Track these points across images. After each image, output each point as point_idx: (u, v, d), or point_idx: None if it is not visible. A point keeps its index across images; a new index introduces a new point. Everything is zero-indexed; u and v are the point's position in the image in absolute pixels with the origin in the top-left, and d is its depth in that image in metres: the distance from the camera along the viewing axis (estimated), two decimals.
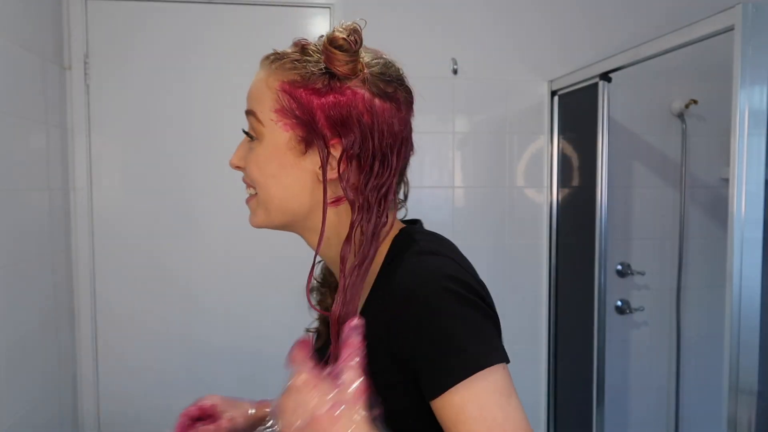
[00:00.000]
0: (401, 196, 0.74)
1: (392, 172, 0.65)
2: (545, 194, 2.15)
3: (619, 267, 2.18)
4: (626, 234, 2.19)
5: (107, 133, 1.89)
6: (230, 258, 1.97)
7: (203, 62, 1.92)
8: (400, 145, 0.67)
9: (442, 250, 0.65)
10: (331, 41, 0.63)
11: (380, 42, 2.33)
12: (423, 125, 2.05)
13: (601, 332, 1.83)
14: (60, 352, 1.79)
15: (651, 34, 1.58)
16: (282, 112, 0.65)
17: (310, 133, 0.64)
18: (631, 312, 2.19)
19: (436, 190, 2.08)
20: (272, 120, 0.65)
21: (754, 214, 1.22)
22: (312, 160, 0.66)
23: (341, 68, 0.63)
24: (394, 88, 0.67)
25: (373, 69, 0.66)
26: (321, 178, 0.65)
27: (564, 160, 2.09)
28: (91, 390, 1.91)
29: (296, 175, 0.66)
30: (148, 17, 1.89)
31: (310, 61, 0.65)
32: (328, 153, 0.64)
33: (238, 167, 0.71)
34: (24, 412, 1.53)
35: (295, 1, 1.95)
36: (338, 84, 0.64)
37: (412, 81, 0.75)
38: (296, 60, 0.65)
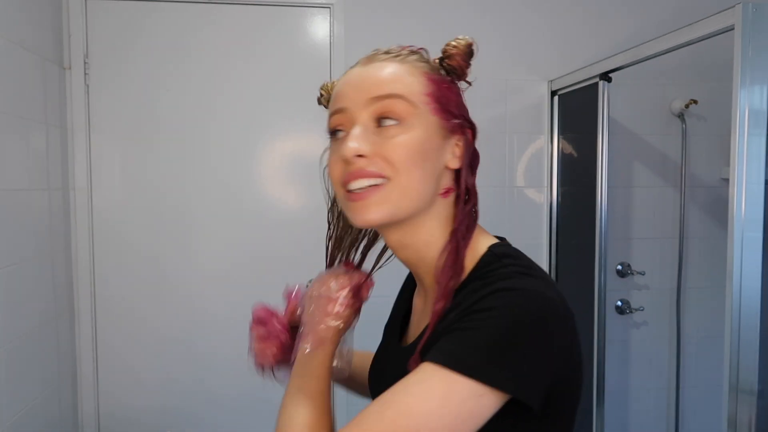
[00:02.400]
0: None
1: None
2: (545, 194, 2.15)
3: (619, 267, 2.18)
4: (626, 234, 2.19)
5: (107, 133, 1.89)
6: (229, 257, 1.97)
7: (203, 62, 1.92)
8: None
9: (536, 273, 0.62)
10: (466, 46, 0.69)
11: (380, 41, 2.33)
12: None
13: (601, 332, 1.83)
14: (60, 352, 1.79)
15: (651, 34, 1.58)
16: (432, 96, 0.66)
17: (453, 118, 0.68)
18: (631, 312, 2.19)
19: None
20: (424, 102, 0.66)
21: (754, 214, 1.21)
22: (447, 148, 0.68)
23: (466, 73, 0.70)
24: None
25: None
26: (452, 165, 0.69)
27: (564, 160, 2.09)
28: (91, 390, 1.91)
29: (434, 161, 0.66)
30: (148, 17, 1.89)
31: (428, 62, 0.70)
32: (466, 138, 0.69)
33: (361, 155, 0.63)
34: (24, 411, 1.53)
35: (295, 1, 1.95)
36: (455, 83, 0.70)
37: None
38: (418, 58, 0.69)
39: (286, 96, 1.97)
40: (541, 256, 2.15)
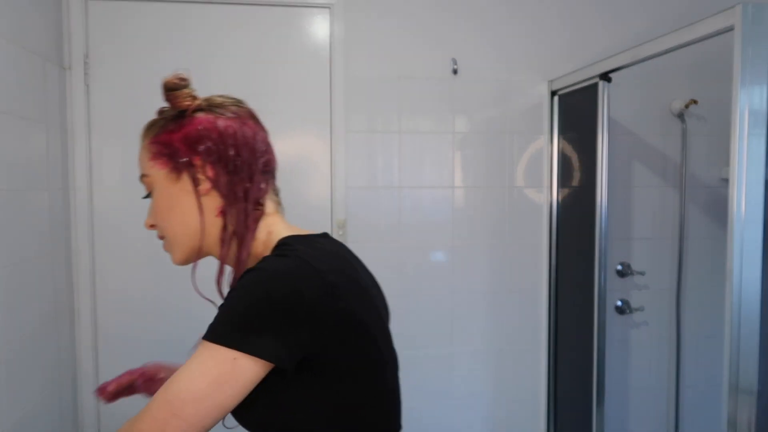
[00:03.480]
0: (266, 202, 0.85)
1: (253, 170, 0.80)
2: (545, 194, 2.15)
3: (619, 267, 2.18)
4: (626, 234, 2.19)
5: (107, 133, 1.89)
6: None
7: (203, 62, 1.92)
8: (255, 149, 0.81)
9: (294, 253, 0.71)
10: (164, 86, 0.78)
11: (380, 42, 2.33)
12: (423, 125, 2.06)
13: (601, 332, 1.83)
14: (60, 352, 1.79)
15: (651, 34, 1.58)
16: (154, 157, 0.79)
17: (176, 160, 0.78)
18: (631, 312, 2.19)
19: (436, 190, 2.08)
20: (151, 167, 0.80)
21: (754, 214, 1.21)
22: (188, 183, 0.79)
23: (181, 103, 0.78)
24: (233, 109, 0.82)
25: (211, 100, 0.82)
26: (202, 192, 0.78)
27: (564, 160, 2.09)
28: (91, 390, 1.91)
29: (183, 202, 0.79)
30: (148, 17, 1.89)
31: (165, 115, 0.81)
32: (194, 166, 0.78)
33: (152, 225, 0.84)
34: (24, 411, 1.53)
35: (295, 1, 1.95)
36: (186, 119, 0.79)
37: (412, 81, 0.79)
38: (156, 121, 0.81)
39: (285, 96, 1.97)
40: (541, 256, 2.16)
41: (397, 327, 2.14)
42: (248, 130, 0.81)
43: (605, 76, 1.78)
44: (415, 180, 2.06)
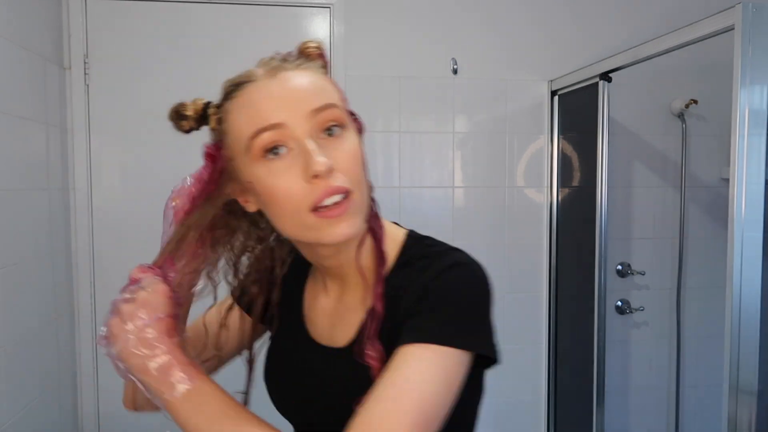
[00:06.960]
0: None
1: None
2: (545, 194, 2.15)
3: (619, 267, 2.18)
4: (626, 234, 2.19)
5: (107, 133, 1.89)
6: None
7: (203, 62, 1.92)
8: None
9: (449, 245, 0.69)
10: (319, 46, 0.69)
11: (380, 42, 2.32)
12: (423, 125, 2.06)
13: (601, 332, 1.83)
14: (60, 351, 1.79)
15: (651, 34, 1.58)
16: (345, 99, 0.66)
17: (352, 115, 0.67)
18: (631, 312, 2.19)
19: (436, 190, 2.08)
20: (345, 108, 0.65)
21: (754, 214, 1.22)
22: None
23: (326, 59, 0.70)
24: None
25: None
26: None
27: (564, 160, 2.09)
28: (91, 390, 1.91)
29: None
30: (148, 17, 1.89)
31: (324, 66, 0.70)
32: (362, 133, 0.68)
33: (333, 170, 0.59)
34: (24, 411, 1.53)
35: (295, 1, 1.95)
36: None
37: (412, 81, 0.77)
38: (322, 64, 0.70)
39: None
40: (541, 256, 2.15)
41: None
42: None
43: (605, 76, 1.78)
44: (415, 180, 2.06)
